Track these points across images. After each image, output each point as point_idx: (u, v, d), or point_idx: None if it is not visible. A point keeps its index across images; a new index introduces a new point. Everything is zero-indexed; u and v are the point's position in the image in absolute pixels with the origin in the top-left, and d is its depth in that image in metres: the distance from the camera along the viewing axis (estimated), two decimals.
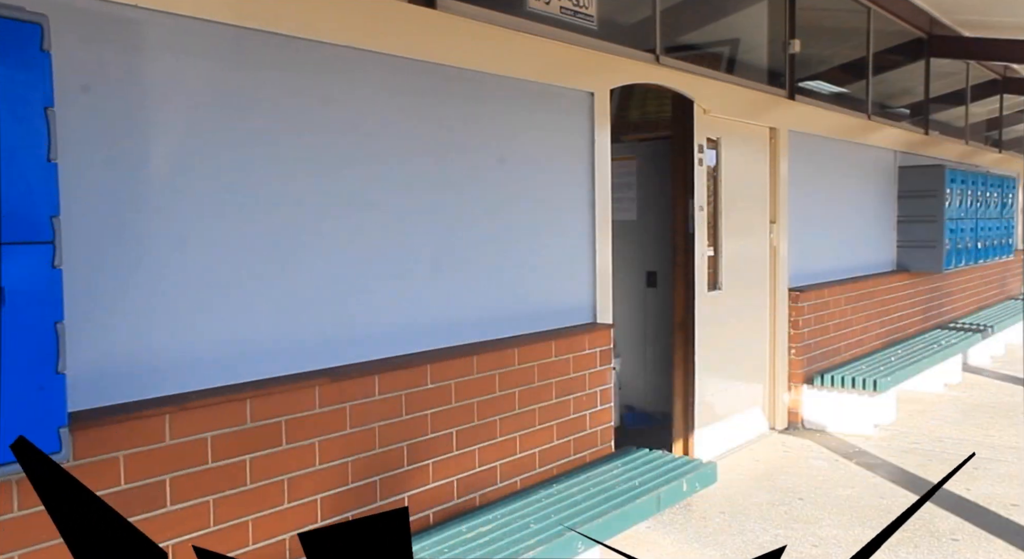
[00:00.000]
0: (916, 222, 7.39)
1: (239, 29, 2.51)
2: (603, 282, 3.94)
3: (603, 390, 3.86)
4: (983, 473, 4.67)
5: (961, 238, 7.65)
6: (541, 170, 3.65)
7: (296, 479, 2.60)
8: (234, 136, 2.53)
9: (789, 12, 5.67)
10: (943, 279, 8.10)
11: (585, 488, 3.39)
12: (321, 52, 2.75)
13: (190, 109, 2.42)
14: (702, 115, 4.67)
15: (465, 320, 3.29)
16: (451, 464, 3.14)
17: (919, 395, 6.58)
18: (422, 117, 3.11)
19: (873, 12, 6.87)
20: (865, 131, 6.77)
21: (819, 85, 6.42)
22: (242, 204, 2.55)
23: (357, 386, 2.80)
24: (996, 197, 8.54)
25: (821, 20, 6.38)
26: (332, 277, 2.81)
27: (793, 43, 5.65)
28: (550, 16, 3.68)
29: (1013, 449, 5.15)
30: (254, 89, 2.58)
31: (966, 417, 5.98)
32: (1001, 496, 4.30)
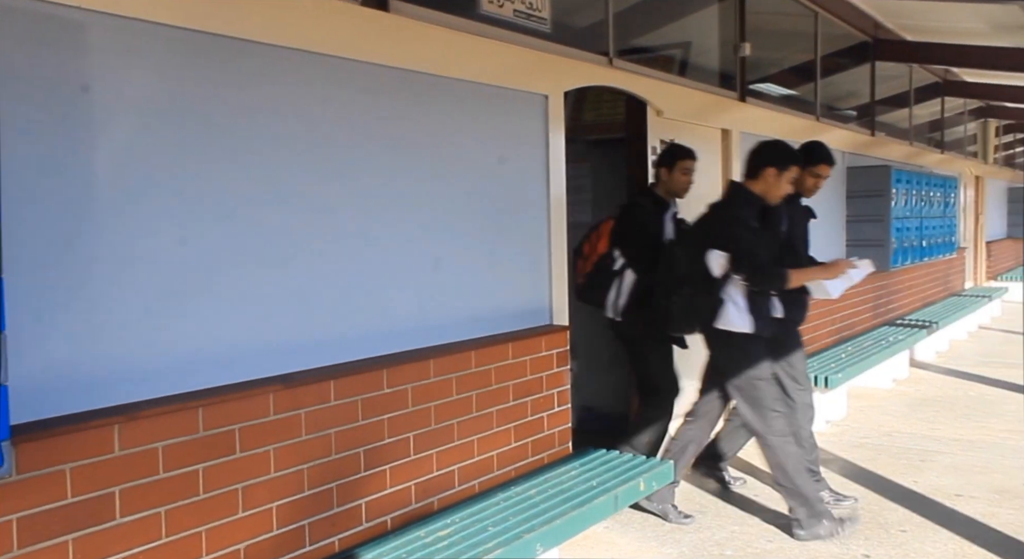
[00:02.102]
0: (864, 221, 7.57)
1: (187, 31, 2.47)
2: (559, 284, 3.96)
3: (560, 392, 3.88)
4: (929, 465, 4.80)
5: (907, 237, 7.86)
6: (496, 173, 3.65)
7: (251, 488, 2.56)
8: (183, 141, 2.48)
9: (739, 15, 5.76)
10: (890, 277, 8.30)
11: (543, 490, 3.40)
12: (272, 55, 2.72)
13: (138, 114, 2.37)
14: (655, 117, 4.72)
15: (422, 324, 3.28)
16: (409, 469, 3.13)
17: (868, 391, 6.73)
18: (375, 120, 3.09)
19: (820, 16, 7.02)
20: (814, 132, 6.90)
21: (769, 87, 6.54)
22: (192, 211, 2.51)
23: (312, 392, 2.77)
24: (939, 197, 8.79)
25: (770, 24, 6.50)
26: (284, 283, 2.78)
27: (743, 46, 5.74)
28: (503, 19, 3.69)
29: (957, 441, 5.30)
30: (203, 93, 2.53)
31: (913, 411, 6.14)
32: (946, 487, 4.42)
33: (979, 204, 12.74)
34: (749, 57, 5.81)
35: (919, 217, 8.17)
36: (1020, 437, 5.36)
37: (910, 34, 8.17)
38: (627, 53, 4.63)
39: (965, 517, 4.00)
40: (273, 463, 2.63)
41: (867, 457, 4.98)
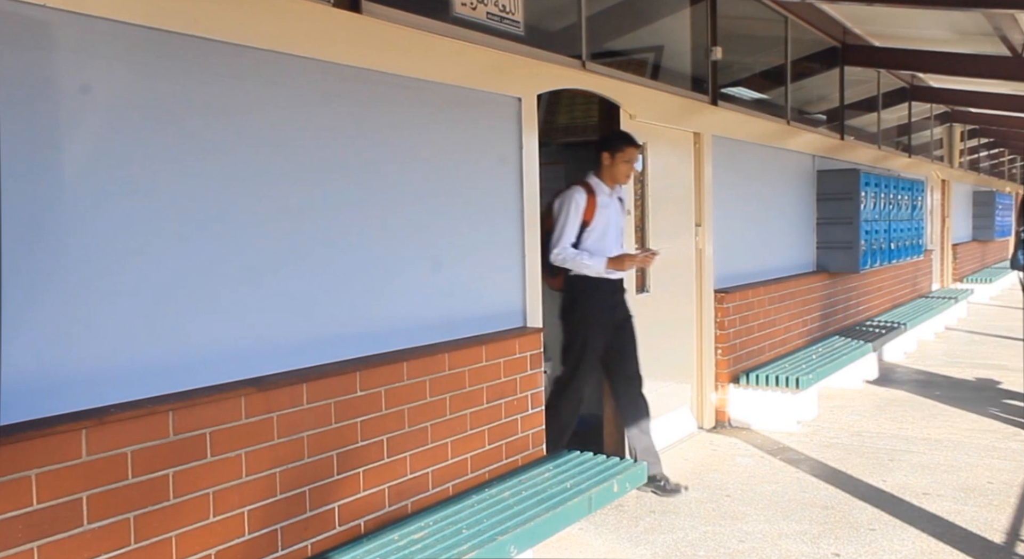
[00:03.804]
0: (834, 224, 7.67)
1: (156, 31, 2.44)
2: (533, 286, 3.97)
3: (534, 394, 3.89)
4: (897, 464, 4.87)
5: (876, 239, 7.96)
6: (470, 176, 3.65)
7: (222, 492, 2.54)
8: (152, 142, 2.45)
9: (711, 20, 5.82)
10: (860, 279, 8.41)
11: (517, 492, 3.40)
12: (243, 56, 2.70)
13: (106, 114, 2.34)
14: (628, 120, 4.75)
15: (395, 326, 3.27)
16: (382, 472, 3.11)
17: (839, 391, 6.82)
18: (348, 122, 3.08)
19: (790, 21, 7.10)
20: (785, 136, 6.99)
21: (741, 91, 6.60)
22: (161, 214, 2.48)
23: (285, 395, 2.75)
24: (907, 199, 8.93)
25: (741, 28, 6.57)
26: (257, 286, 2.76)
27: (715, 50, 5.80)
28: (477, 22, 3.69)
29: (925, 440, 5.38)
30: (171, 94, 2.51)
31: (882, 411, 6.22)
32: (914, 486, 4.48)
33: (945, 207, 12.96)
34: (721, 61, 5.87)
35: (887, 220, 8.29)
36: (985, 436, 5.46)
37: (878, 40, 8.30)
38: (600, 56, 4.65)
39: (932, 515, 4.06)
40: (245, 467, 2.61)
41: (838, 457, 5.05)
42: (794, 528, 3.91)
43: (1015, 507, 4.15)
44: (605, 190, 4.35)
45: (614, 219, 4.39)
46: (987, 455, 5.02)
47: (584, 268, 4.25)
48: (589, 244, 4.29)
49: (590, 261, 4.23)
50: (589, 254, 4.25)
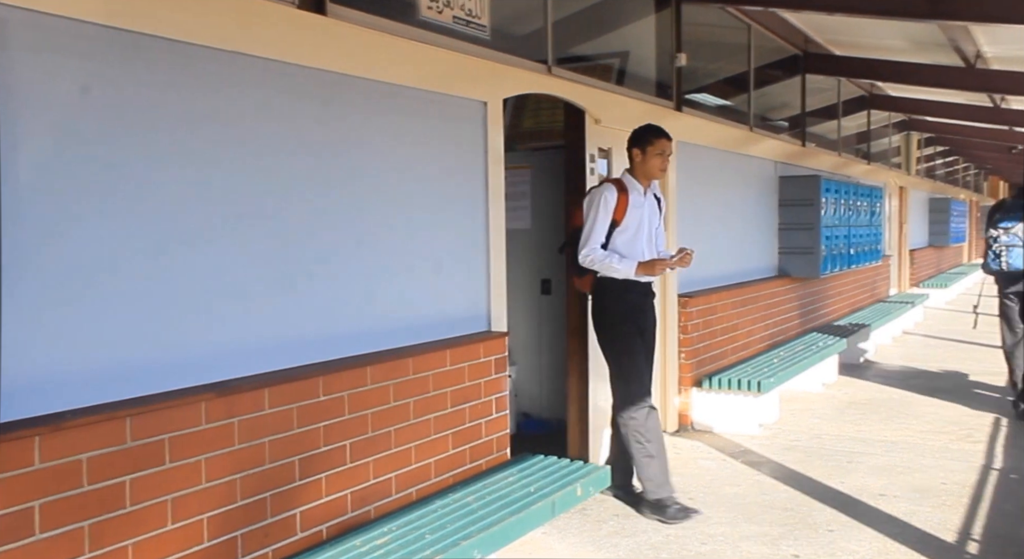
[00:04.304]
0: (795, 229, 7.78)
1: (113, 30, 2.40)
2: (497, 290, 3.97)
3: (499, 398, 3.89)
4: (855, 466, 4.95)
5: (836, 244, 8.10)
6: (435, 180, 3.64)
7: (180, 499, 2.50)
8: (108, 141, 2.41)
9: (676, 27, 5.88)
10: (820, 283, 8.55)
11: (481, 496, 3.40)
12: (205, 57, 2.66)
13: (58, 113, 2.30)
14: (593, 125, 4.78)
15: (359, 330, 3.25)
16: (345, 477, 3.09)
17: (800, 394, 6.92)
18: (313, 124, 3.06)
19: (753, 29, 7.20)
20: (748, 142, 7.08)
21: (705, 98, 6.68)
22: (120, 216, 2.44)
23: (246, 400, 2.72)
24: (866, 206, 9.09)
25: (706, 35, 6.64)
26: (218, 289, 2.72)
27: (680, 57, 5.86)
28: (443, 25, 3.69)
29: (882, 442, 5.48)
30: (132, 94, 2.47)
31: (841, 414, 6.33)
32: (871, 487, 4.56)
33: (903, 213, 13.23)
34: (685, 68, 5.93)
35: (847, 225, 8.43)
36: (939, 437, 5.58)
37: (838, 49, 8.45)
38: (566, 61, 4.67)
39: (888, 516, 4.14)
40: (205, 473, 2.57)
41: (798, 459, 5.12)
42: (755, 530, 3.96)
43: (967, 507, 4.24)
44: (638, 188, 4.15)
45: (648, 219, 4.18)
46: (941, 457, 5.13)
47: (612, 271, 4.06)
48: (619, 245, 4.09)
49: (619, 264, 4.02)
50: (619, 256, 4.05)
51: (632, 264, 4.03)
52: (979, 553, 3.72)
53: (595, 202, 4.07)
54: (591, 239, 4.04)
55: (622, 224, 4.08)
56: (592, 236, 4.05)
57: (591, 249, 4.04)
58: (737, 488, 4.59)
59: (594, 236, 4.04)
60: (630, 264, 4.03)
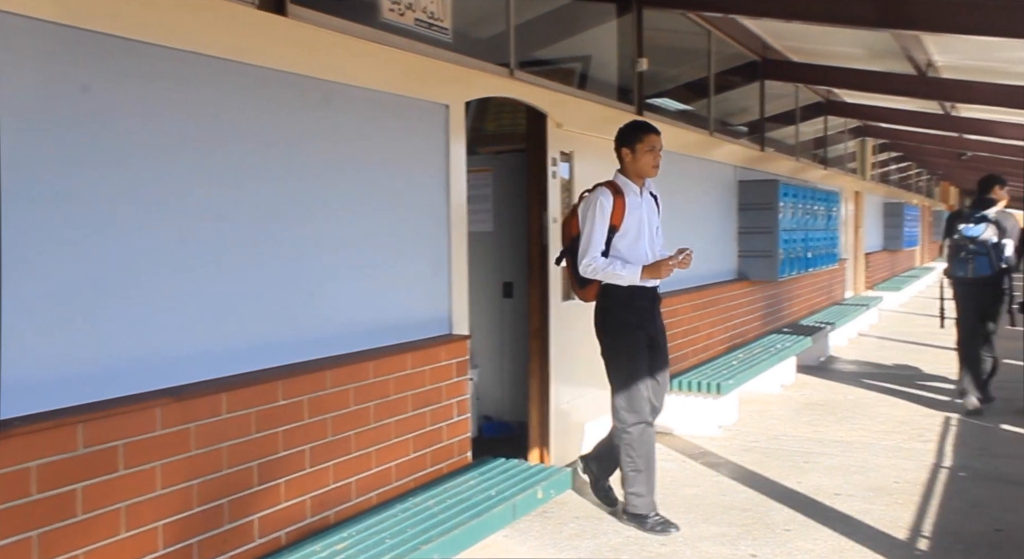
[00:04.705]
0: (754, 233, 7.89)
1: (70, 29, 2.35)
2: (459, 293, 3.96)
3: (460, 401, 3.88)
4: (812, 466, 5.04)
5: (793, 248, 8.24)
6: (396, 182, 3.63)
7: (135, 506, 2.45)
8: (65, 144, 2.36)
9: (637, 32, 5.93)
10: (779, 286, 8.68)
11: (442, 500, 3.39)
12: (164, 57, 2.62)
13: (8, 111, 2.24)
14: (555, 129, 4.80)
15: (319, 334, 3.22)
16: (305, 482, 3.06)
17: (759, 396, 7.02)
18: (272, 126, 3.03)
19: (713, 35, 7.30)
20: (708, 147, 7.17)
21: (666, 102, 6.75)
22: (74, 218, 2.38)
23: (203, 405, 2.68)
24: (823, 210, 9.26)
25: (666, 41, 6.72)
26: (175, 293, 2.68)
27: (641, 61, 5.91)
28: (405, 27, 3.68)
29: (838, 443, 5.58)
30: (89, 94, 2.42)
31: (799, 415, 6.43)
32: (827, 487, 4.65)
33: (858, 218, 13.49)
34: (646, 72, 5.98)
35: (805, 229, 8.58)
36: (892, 437, 5.70)
37: (795, 55, 8.60)
38: (528, 65, 4.69)
39: (843, 515, 4.22)
40: (160, 480, 2.53)
41: (756, 460, 5.19)
42: (714, 531, 4.01)
43: (918, 505, 4.34)
44: (634, 189, 4.00)
45: (647, 220, 4.02)
46: (894, 456, 5.24)
47: (617, 279, 3.89)
48: (621, 251, 3.93)
49: (624, 271, 3.86)
50: (622, 263, 3.89)
51: (636, 269, 3.87)
52: (928, 549, 3.81)
53: (591, 208, 3.91)
54: (591, 247, 3.88)
55: (621, 228, 3.92)
56: (591, 244, 3.89)
57: (592, 258, 3.88)
58: (696, 489, 4.64)
59: (593, 244, 3.89)
60: (634, 269, 3.87)
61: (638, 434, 3.97)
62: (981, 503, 4.37)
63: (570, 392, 5.05)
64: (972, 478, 4.82)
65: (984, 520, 4.12)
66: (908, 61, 7.61)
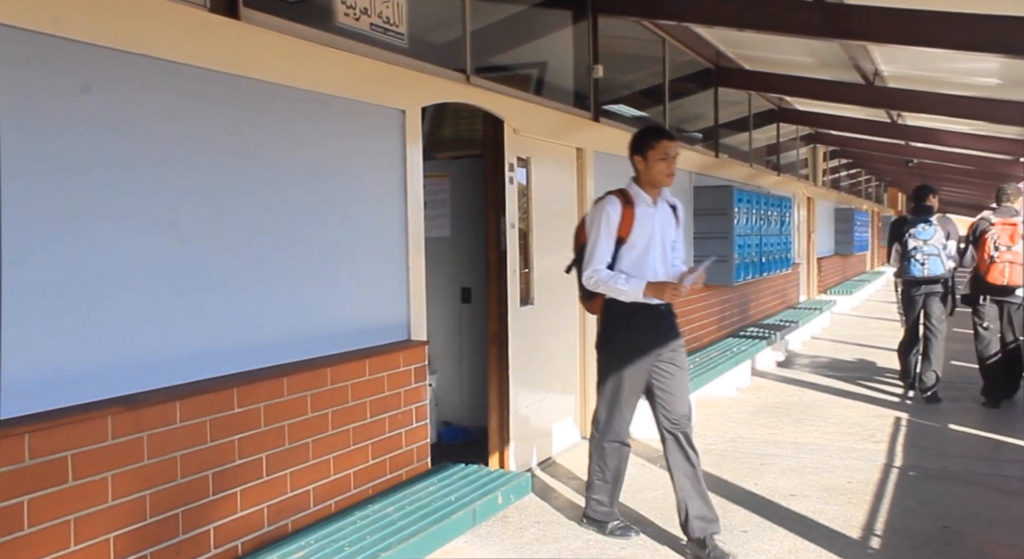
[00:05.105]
0: (710, 238, 8.00)
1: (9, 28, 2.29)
2: (417, 299, 3.95)
3: (419, 407, 3.87)
4: (768, 468, 5.12)
5: (748, 253, 8.37)
6: (352, 188, 3.61)
7: (85, 518, 2.40)
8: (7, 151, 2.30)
9: (592, 38, 5.99)
10: (734, 291, 8.81)
11: (401, 507, 3.37)
12: (110, 59, 2.57)
13: None
14: (512, 135, 4.82)
15: (276, 340, 3.19)
16: (261, 490, 3.02)
17: (715, 399, 7.11)
18: (224, 131, 2.99)
19: (667, 43, 7.40)
20: None
21: (622, 108, 6.82)
22: (20, 225, 2.32)
23: (156, 413, 2.63)
24: (776, 215, 9.43)
25: (622, 47, 6.79)
26: (125, 299, 2.63)
27: (596, 68, 5.97)
28: (360, 32, 3.66)
29: (793, 444, 5.68)
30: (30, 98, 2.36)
31: (754, 418, 6.53)
32: (782, 488, 4.72)
33: (811, 223, 13.76)
34: (602, 79, 6.04)
35: (759, 234, 8.73)
36: (845, 438, 5.81)
37: (748, 64, 8.76)
38: (485, 71, 4.70)
39: (798, 515, 4.29)
40: (111, 491, 2.47)
41: (713, 462, 5.25)
42: (674, 533, 4.04)
43: (870, 504, 4.44)
44: (646, 199, 3.79)
45: (659, 233, 3.80)
46: (847, 456, 5.35)
47: (619, 294, 3.71)
48: (627, 264, 3.74)
49: (626, 286, 3.67)
50: (626, 277, 3.69)
51: (640, 285, 3.67)
52: (880, 547, 3.89)
53: (596, 219, 3.76)
54: (594, 259, 3.73)
55: (629, 240, 3.73)
56: (595, 256, 3.73)
57: (594, 270, 3.73)
58: (656, 492, 4.68)
59: (597, 256, 3.73)
60: (638, 285, 3.67)
61: (612, 451, 3.94)
62: (930, 501, 4.48)
63: (529, 397, 5.06)
64: (921, 477, 4.94)
65: (932, 517, 4.23)
66: (856, 70, 7.81)
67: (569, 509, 4.38)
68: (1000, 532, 4.06)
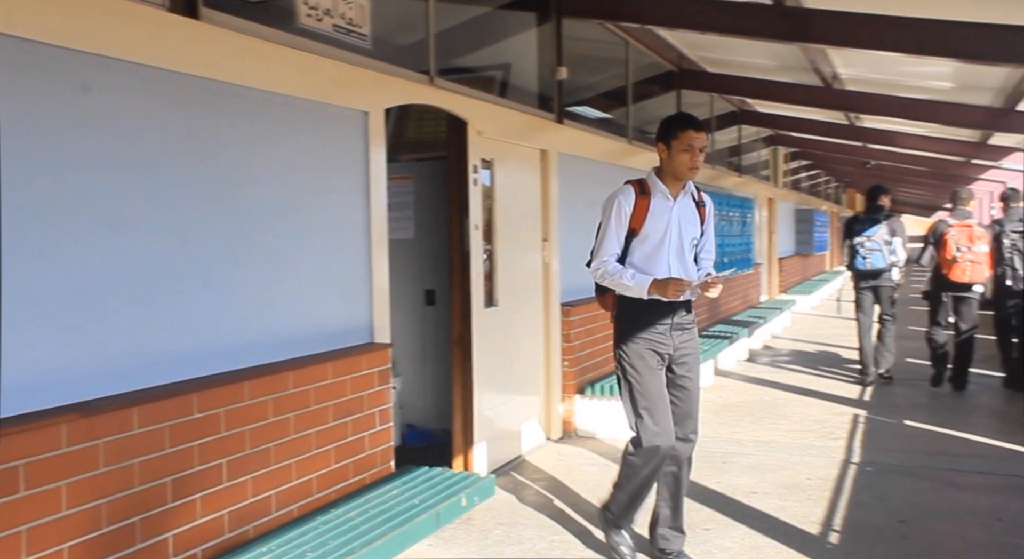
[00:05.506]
0: None
1: None
2: (380, 301, 3.93)
3: (382, 410, 3.85)
4: (730, 466, 5.18)
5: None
6: (315, 190, 3.58)
7: (37, 529, 2.35)
8: None
9: (556, 41, 6.01)
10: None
11: (364, 511, 3.36)
12: (66, 59, 2.52)
13: None
14: (476, 136, 4.82)
15: (237, 344, 3.15)
16: (222, 496, 2.99)
17: None
18: (185, 132, 2.95)
19: (631, 45, 7.45)
20: (626, 155, 7.30)
21: (585, 110, 6.85)
22: None
23: (112, 420, 2.59)
24: (738, 216, 9.55)
25: (586, 50, 6.82)
26: (81, 303, 2.58)
27: (560, 70, 5.99)
28: (323, 33, 3.63)
29: (755, 443, 5.75)
30: None
31: (716, 416, 6.60)
32: (744, 486, 4.78)
33: (771, 224, 13.96)
34: (566, 81, 6.06)
35: (721, 235, 8.83)
36: (805, 436, 5.90)
37: (710, 66, 8.85)
38: (448, 72, 4.69)
39: (759, 512, 4.35)
40: (65, 500, 2.43)
41: None
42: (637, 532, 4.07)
43: (829, 500, 4.51)
44: (663, 190, 3.54)
45: (678, 228, 3.53)
46: (807, 454, 5.43)
47: (624, 289, 3.48)
48: (637, 259, 3.52)
49: (631, 281, 3.42)
50: (633, 272, 3.45)
51: (646, 282, 3.41)
52: (839, 542, 3.96)
53: (608, 208, 3.56)
54: (601, 250, 3.52)
55: (641, 233, 3.50)
56: (603, 247, 3.52)
57: (601, 262, 3.51)
58: None
59: (605, 247, 3.52)
60: (643, 281, 3.41)
61: (641, 465, 3.56)
62: (886, 496, 4.57)
63: (494, 399, 5.07)
64: (878, 472, 5.04)
65: (889, 512, 4.31)
66: (815, 73, 7.93)
67: (534, 510, 4.39)
68: (953, 524, 4.15)
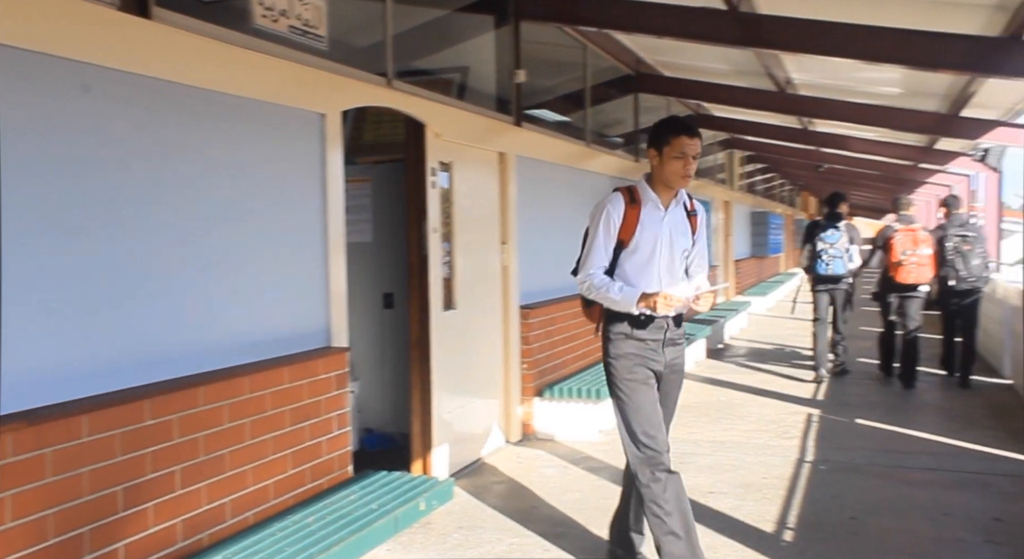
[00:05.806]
0: None
1: None
2: (338, 305, 3.90)
3: (340, 415, 3.81)
4: (687, 466, 5.23)
5: None
6: (271, 193, 3.54)
7: None
8: None
9: (515, 44, 6.02)
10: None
11: (322, 516, 3.32)
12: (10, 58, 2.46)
13: None
14: (434, 139, 4.80)
15: (191, 350, 3.10)
16: (175, 504, 2.93)
17: None
18: (137, 134, 2.89)
19: (588, 49, 7.50)
20: (584, 158, 7.35)
21: (544, 114, 6.88)
22: None
23: (60, 428, 2.52)
24: None
25: (544, 53, 6.85)
26: (28, 308, 2.51)
27: (519, 73, 6.01)
28: (278, 34, 3.59)
29: (711, 442, 5.82)
30: None
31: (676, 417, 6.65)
32: (701, 485, 4.84)
33: (728, 226, 14.15)
34: (525, 84, 6.08)
35: None
36: (761, 436, 6.00)
37: (667, 70, 8.96)
38: (406, 74, 4.67)
39: (716, 511, 4.40)
40: (9, 512, 2.36)
41: None
42: (596, 534, 4.09)
43: (784, 499, 4.59)
44: (655, 199, 3.38)
45: (670, 239, 3.36)
46: (762, 453, 5.52)
47: (610, 303, 3.32)
48: (627, 271, 3.35)
49: (618, 295, 3.26)
50: (620, 286, 3.29)
51: (634, 295, 3.24)
52: (793, 540, 4.03)
53: (595, 218, 3.40)
54: (588, 262, 3.37)
55: (630, 244, 3.33)
56: (590, 259, 3.36)
57: (587, 274, 3.36)
58: (578, 494, 4.73)
59: (592, 258, 3.36)
60: (631, 294, 3.25)
61: (660, 489, 3.36)
62: (839, 494, 4.66)
63: (452, 402, 5.05)
64: (831, 470, 5.14)
65: (841, 509, 4.40)
66: (769, 78, 8.07)
67: (494, 513, 4.39)
68: (902, 520, 4.25)
